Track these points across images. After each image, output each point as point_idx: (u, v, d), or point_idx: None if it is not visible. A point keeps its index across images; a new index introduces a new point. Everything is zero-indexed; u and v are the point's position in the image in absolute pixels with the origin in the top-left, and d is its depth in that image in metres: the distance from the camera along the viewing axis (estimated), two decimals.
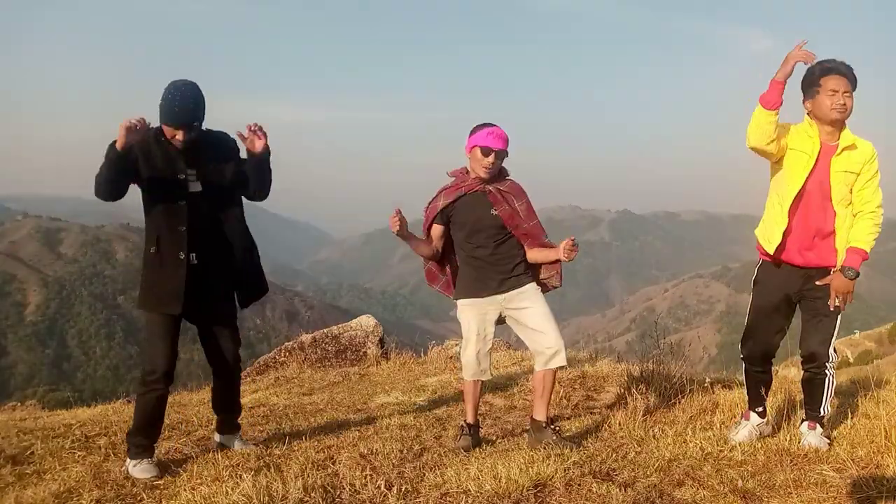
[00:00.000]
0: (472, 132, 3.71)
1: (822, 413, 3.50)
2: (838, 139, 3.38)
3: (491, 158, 3.66)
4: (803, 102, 3.45)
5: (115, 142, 3.17)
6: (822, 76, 3.34)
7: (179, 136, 3.34)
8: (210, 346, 3.69)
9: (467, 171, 3.81)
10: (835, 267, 3.38)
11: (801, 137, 3.42)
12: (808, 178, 3.37)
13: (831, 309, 3.36)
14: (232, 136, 3.55)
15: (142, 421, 3.47)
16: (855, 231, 3.35)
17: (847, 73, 3.32)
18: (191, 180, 3.43)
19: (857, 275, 3.30)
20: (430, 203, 3.88)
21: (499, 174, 3.81)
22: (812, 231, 3.41)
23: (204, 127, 3.48)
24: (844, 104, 3.30)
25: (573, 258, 3.68)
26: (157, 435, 3.56)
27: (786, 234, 3.42)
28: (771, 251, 3.46)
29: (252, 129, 3.43)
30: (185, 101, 3.29)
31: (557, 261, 3.85)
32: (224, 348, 3.68)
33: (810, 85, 3.39)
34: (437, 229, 3.88)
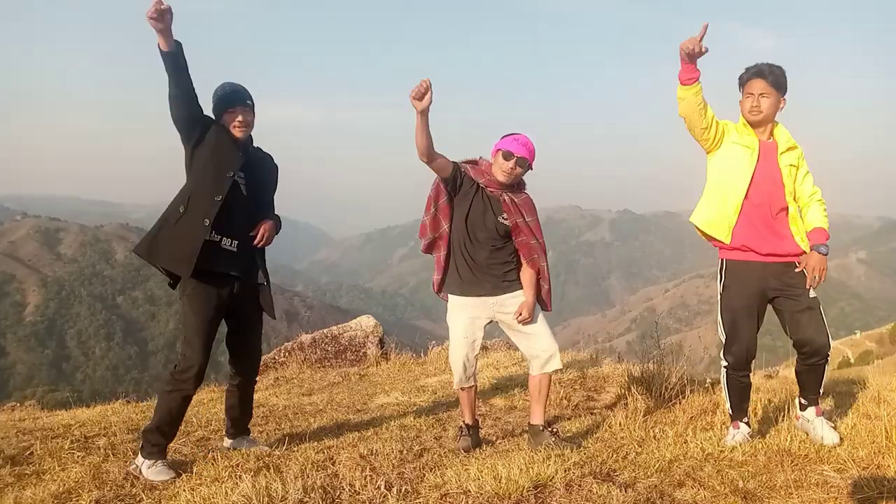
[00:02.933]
0: (502, 138, 3.70)
1: (820, 394, 3.60)
2: (772, 136, 3.51)
3: (511, 164, 3.62)
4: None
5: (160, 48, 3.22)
6: (746, 81, 3.46)
7: (240, 118, 3.47)
8: (237, 347, 3.75)
9: (491, 172, 3.76)
10: (796, 257, 3.46)
11: (740, 133, 3.52)
12: (755, 171, 3.45)
13: (807, 286, 3.42)
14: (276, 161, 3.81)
15: (164, 419, 3.40)
16: (812, 216, 3.49)
17: (766, 75, 3.38)
18: (239, 181, 3.53)
19: (828, 251, 3.42)
20: (465, 161, 3.76)
21: (517, 185, 3.79)
22: (766, 221, 3.46)
23: (255, 144, 3.68)
24: (757, 105, 3.41)
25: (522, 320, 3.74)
26: (174, 435, 3.53)
27: (738, 227, 3.47)
28: (727, 240, 3.48)
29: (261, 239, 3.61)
30: (235, 85, 3.56)
31: (543, 287, 3.86)
32: (251, 350, 3.78)
33: (739, 87, 3.52)
34: (449, 169, 3.63)
